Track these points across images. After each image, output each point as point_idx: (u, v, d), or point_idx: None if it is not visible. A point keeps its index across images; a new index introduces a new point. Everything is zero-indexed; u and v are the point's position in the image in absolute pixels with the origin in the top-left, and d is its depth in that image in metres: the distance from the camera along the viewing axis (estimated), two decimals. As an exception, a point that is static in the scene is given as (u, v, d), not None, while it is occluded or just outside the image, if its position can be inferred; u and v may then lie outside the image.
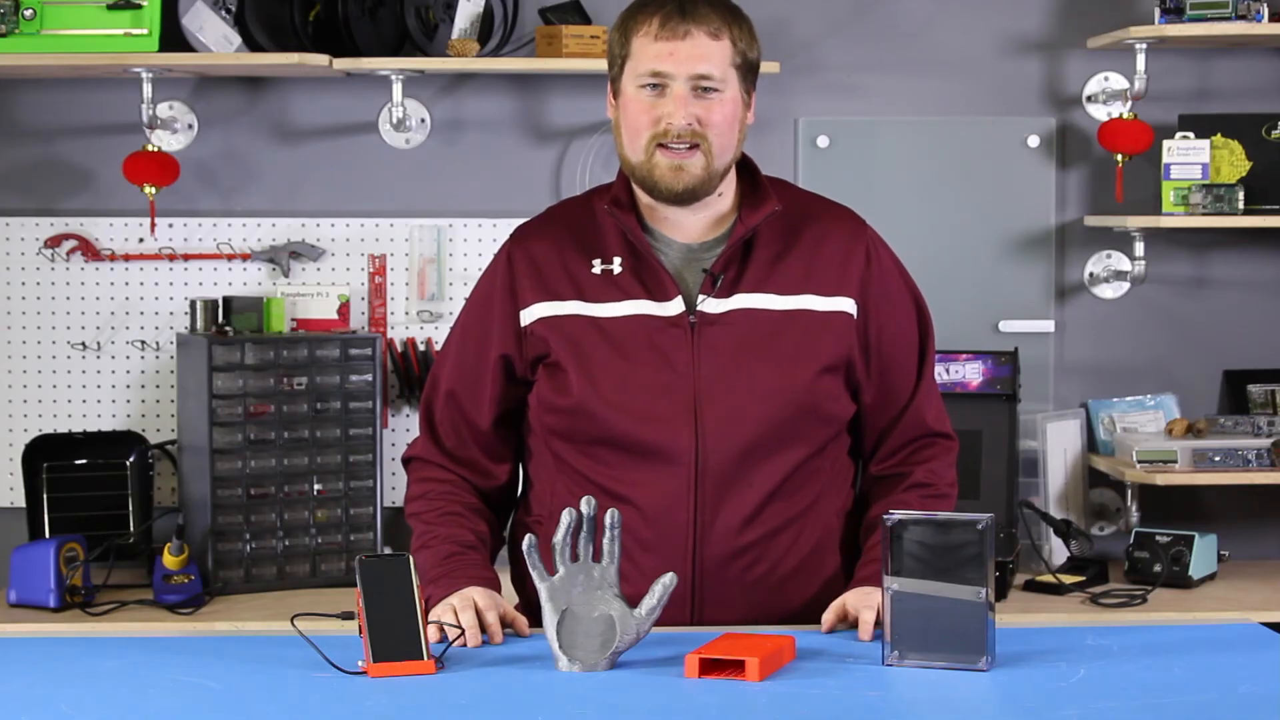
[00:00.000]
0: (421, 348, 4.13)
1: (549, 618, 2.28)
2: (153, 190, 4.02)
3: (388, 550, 3.98)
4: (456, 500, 2.65)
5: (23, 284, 4.14)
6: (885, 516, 2.27)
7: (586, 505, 2.30)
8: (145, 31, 3.87)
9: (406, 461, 2.74)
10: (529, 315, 2.60)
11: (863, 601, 2.46)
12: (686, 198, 2.56)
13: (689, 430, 2.52)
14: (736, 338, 2.55)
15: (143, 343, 4.15)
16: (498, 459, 2.68)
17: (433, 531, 2.61)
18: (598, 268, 2.59)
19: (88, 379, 4.15)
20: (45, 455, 4.00)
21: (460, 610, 2.42)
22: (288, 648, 2.33)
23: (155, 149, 4.03)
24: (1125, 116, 4.10)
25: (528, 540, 2.32)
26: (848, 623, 2.47)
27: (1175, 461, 3.96)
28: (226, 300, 4.03)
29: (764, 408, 2.53)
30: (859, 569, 2.59)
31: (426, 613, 2.33)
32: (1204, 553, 3.96)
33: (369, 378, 3.95)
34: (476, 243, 4.16)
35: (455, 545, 2.58)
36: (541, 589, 2.30)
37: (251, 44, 4.01)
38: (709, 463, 2.52)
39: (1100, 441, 4.19)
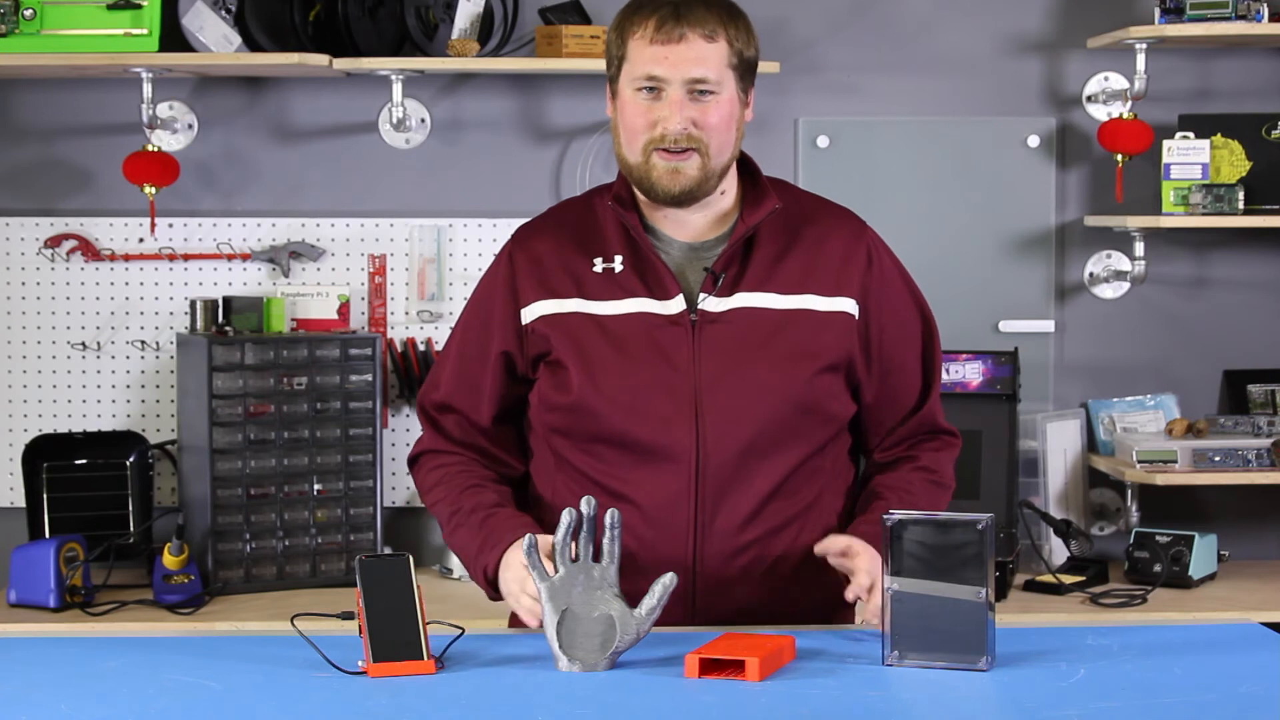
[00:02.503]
0: (421, 348, 4.13)
1: (549, 618, 2.28)
2: (153, 190, 4.02)
3: (388, 550, 3.98)
4: (474, 475, 2.63)
5: (23, 284, 4.14)
6: (885, 516, 2.28)
7: (586, 505, 2.30)
8: (145, 31, 3.87)
9: (413, 461, 2.72)
10: (530, 313, 2.60)
11: (872, 569, 2.44)
12: (684, 200, 2.55)
13: (689, 429, 2.52)
14: (737, 336, 2.55)
15: (143, 343, 4.15)
16: (506, 450, 2.68)
17: (459, 509, 2.59)
18: (599, 266, 2.59)
19: (88, 379, 4.15)
20: (45, 455, 4.00)
21: (524, 586, 2.40)
22: (288, 648, 2.33)
23: (155, 149, 4.03)
24: (1125, 116, 4.10)
25: (528, 540, 2.32)
26: (843, 563, 2.48)
27: (1175, 461, 3.96)
28: (226, 300, 4.03)
29: (764, 406, 2.53)
30: (857, 524, 2.57)
31: (427, 613, 2.33)
32: (1204, 553, 3.96)
33: (369, 378, 3.95)
34: (476, 243, 4.16)
35: (485, 510, 2.56)
36: (542, 589, 2.30)
37: (251, 44, 4.01)
38: (709, 461, 2.52)
39: (1100, 441, 4.19)
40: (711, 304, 2.56)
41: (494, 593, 2.52)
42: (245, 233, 4.15)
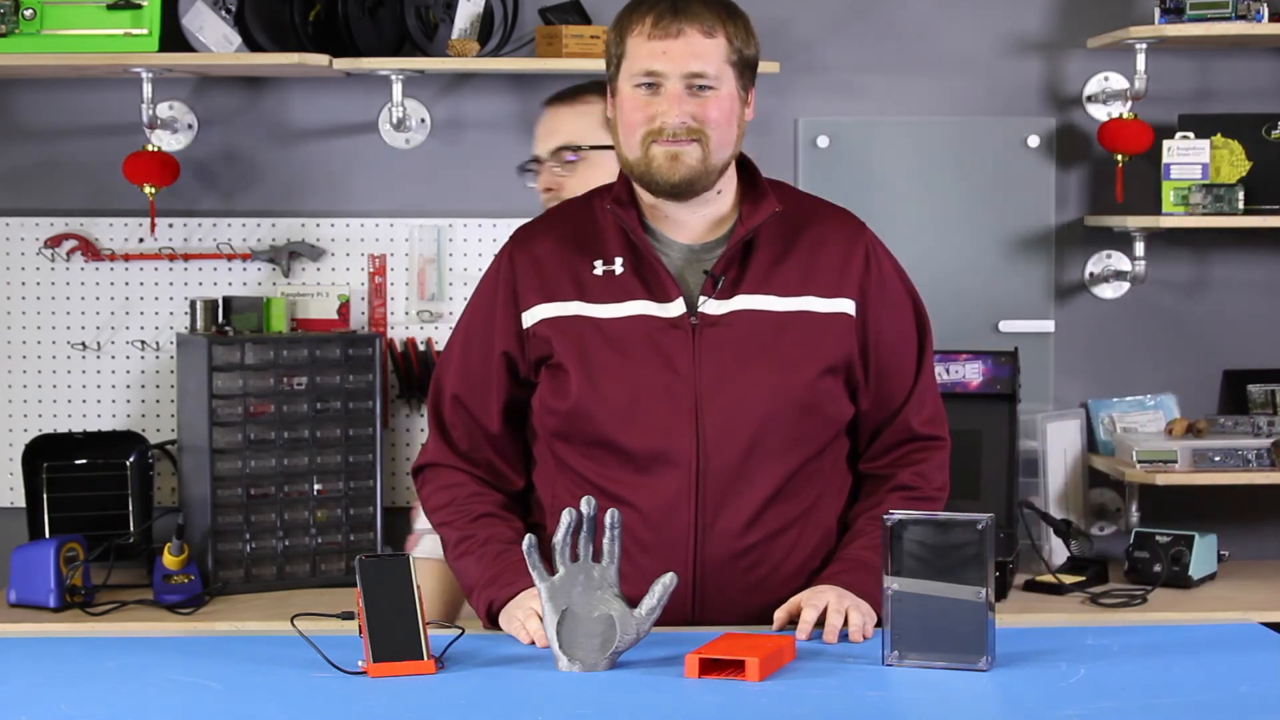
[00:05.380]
0: (421, 348, 4.13)
1: (549, 618, 2.28)
2: (153, 190, 4.02)
3: (388, 550, 3.98)
4: (486, 501, 2.63)
5: (23, 284, 4.14)
6: (885, 516, 2.27)
7: (586, 505, 2.30)
8: (145, 31, 3.87)
9: (418, 470, 2.71)
10: (531, 316, 2.60)
11: (810, 600, 2.45)
12: (684, 189, 2.54)
13: (690, 433, 2.52)
14: (738, 339, 2.54)
15: (143, 343, 4.15)
16: (511, 463, 2.67)
17: (472, 536, 2.59)
18: (599, 268, 2.59)
19: (88, 379, 4.15)
20: (45, 455, 4.00)
21: (525, 620, 2.42)
22: (288, 648, 2.33)
23: (155, 149, 4.03)
24: (1125, 116, 4.10)
25: (527, 540, 2.31)
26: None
27: (1175, 461, 3.96)
28: (226, 300, 4.03)
29: (765, 409, 2.53)
30: (825, 569, 2.58)
31: (427, 613, 2.33)
32: (1204, 553, 3.96)
33: (369, 378, 3.95)
34: (476, 243, 4.16)
35: (501, 544, 2.56)
36: (541, 589, 2.30)
37: (251, 44, 4.01)
38: (710, 465, 2.52)
39: (1100, 441, 4.19)
40: (711, 307, 2.55)
41: (490, 622, 2.53)
42: (245, 233, 4.15)
